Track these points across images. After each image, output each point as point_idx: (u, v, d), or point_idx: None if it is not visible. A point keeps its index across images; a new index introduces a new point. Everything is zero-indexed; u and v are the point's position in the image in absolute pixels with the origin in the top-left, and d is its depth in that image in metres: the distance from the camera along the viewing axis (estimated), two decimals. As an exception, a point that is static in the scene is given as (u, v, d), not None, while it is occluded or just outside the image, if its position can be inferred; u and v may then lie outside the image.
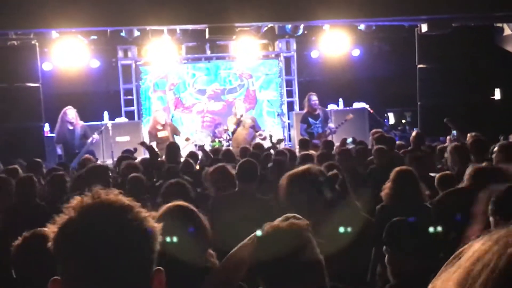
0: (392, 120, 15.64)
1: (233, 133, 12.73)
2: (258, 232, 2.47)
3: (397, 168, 5.30)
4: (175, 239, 2.84)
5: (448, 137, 11.04)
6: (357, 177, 6.50)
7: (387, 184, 5.15)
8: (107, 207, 1.54)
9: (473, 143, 7.47)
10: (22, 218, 5.13)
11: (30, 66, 11.84)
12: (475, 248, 1.02)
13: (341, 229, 3.78)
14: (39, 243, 3.30)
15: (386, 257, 3.32)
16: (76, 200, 1.55)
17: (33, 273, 3.27)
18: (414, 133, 9.61)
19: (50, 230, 1.53)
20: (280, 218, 2.52)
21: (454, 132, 11.00)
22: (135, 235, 1.53)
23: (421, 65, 13.01)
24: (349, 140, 10.70)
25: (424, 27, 12.28)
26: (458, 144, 7.50)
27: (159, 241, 1.59)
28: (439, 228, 3.35)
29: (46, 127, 12.71)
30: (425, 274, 2.86)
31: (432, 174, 6.40)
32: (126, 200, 1.58)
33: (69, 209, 1.54)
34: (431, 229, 3.29)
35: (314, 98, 12.80)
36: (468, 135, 8.50)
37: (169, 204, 3.23)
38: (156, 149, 11.86)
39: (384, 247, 3.33)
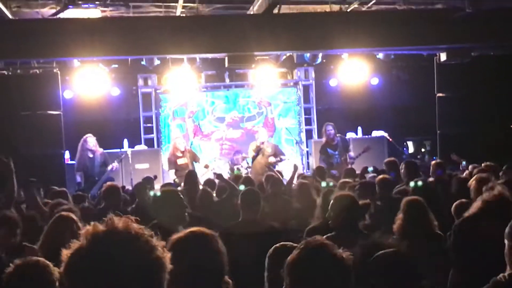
0: (411, 149, 15.57)
1: (252, 160, 12.71)
2: None
3: (407, 198, 5.29)
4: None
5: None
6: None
7: (399, 215, 5.13)
8: (116, 236, 1.55)
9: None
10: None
11: (52, 94, 12.00)
12: None
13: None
14: (30, 271, 3.31)
15: None
16: (88, 228, 1.57)
17: None
18: (433, 162, 9.47)
19: (64, 254, 1.56)
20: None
21: (464, 162, 10.92)
22: (143, 264, 1.54)
23: (440, 94, 13.00)
24: (370, 169, 10.66)
25: (443, 56, 12.29)
26: None
27: (168, 270, 1.59)
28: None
29: (67, 154, 12.81)
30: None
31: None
32: (137, 228, 1.58)
33: (81, 236, 1.56)
34: None
35: (329, 128, 12.68)
36: (483, 164, 8.42)
37: (187, 231, 3.19)
38: (175, 176, 11.97)
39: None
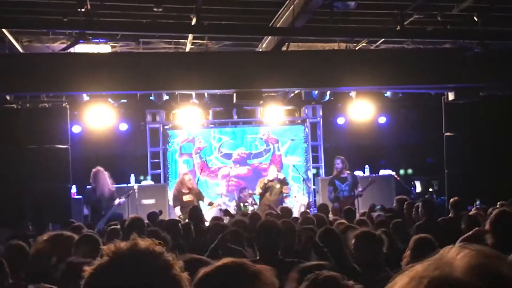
0: (419, 188, 15.48)
1: (260, 197, 12.66)
2: None
3: (416, 236, 5.24)
4: None
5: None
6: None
7: (407, 252, 5.07)
8: (136, 252, 1.56)
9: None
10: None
11: (60, 128, 12.01)
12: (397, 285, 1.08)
13: None
14: None
15: None
16: (110, 246, 1.59)
17: None
18: (452, 200, 9.25)
19: (86, 271, 1.58)
20: None
21: (478, 201, 10.82)
22: (161, 281, 1.55)
23: (448, 133, 12.95)
24: (378, 207, 10.61)
25: (451, 96, 12.29)
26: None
27: None
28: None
29: (73, 188, 12.79)
30: None
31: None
32: (157, 247, 1.60)
33: (103, 254, 1.58)
34: None
35: (338, 161, 12.81)
36: (498, 203, 8.34)
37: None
38: (180, 213, 11.94)
39: None
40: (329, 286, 2.52)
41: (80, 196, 12.53)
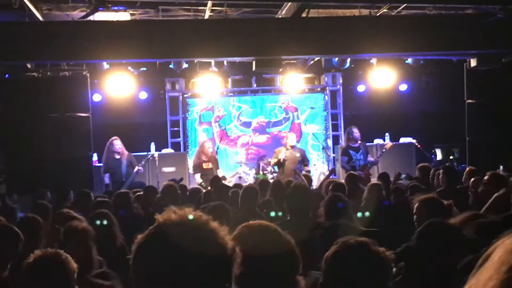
0: (439, 156, 15.38)
1: (279, 165, 12.51)
2: None
3: (421, 197, 5.21)
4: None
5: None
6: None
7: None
8: (183, 223, 1.57)
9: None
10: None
11: (81, 96, 12.04)
12: (506, 249, 1.05)
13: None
14: (50, 263, 3.24)
15: None
16: (160, 215, 1.61)
17: None
18: (467, 169, 9.14)
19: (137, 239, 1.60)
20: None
21: (502, 167, 10.72)
22: (209, 251, 1.55)
23: (470, 101, 12.81)
24: (403, 176, 10.54)
25: (473, 62, 12.15)
26: None
27: (237, 259, 1.61)
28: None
29: (95, 156, 12.89)
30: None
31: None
32: (204, 217, 1.61)
33: (155, 222, 1.60)
34: None
35: (355, 130, 12.51)
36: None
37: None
38: (201, 180, 12.02)
39: None
40: (360, 250, 2.51)
41: (101, 164, 12.63)
